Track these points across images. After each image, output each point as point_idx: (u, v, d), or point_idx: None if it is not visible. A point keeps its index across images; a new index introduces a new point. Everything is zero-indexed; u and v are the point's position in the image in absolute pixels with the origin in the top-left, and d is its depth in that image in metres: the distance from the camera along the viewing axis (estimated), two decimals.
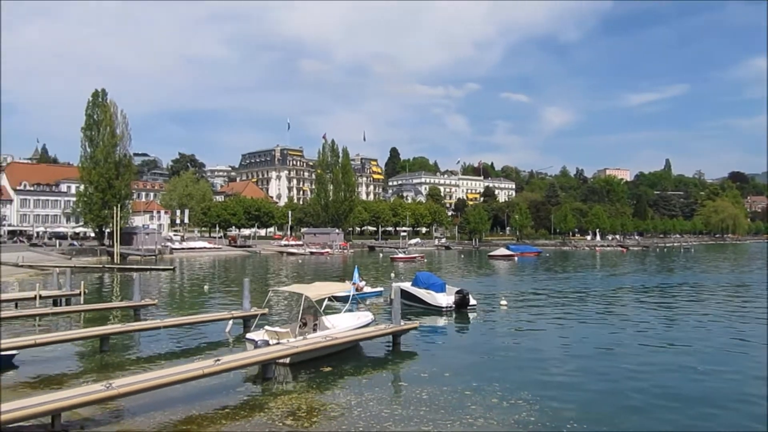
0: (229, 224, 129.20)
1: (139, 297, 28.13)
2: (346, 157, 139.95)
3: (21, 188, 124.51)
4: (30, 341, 18.11)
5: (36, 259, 63.97)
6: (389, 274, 54.80)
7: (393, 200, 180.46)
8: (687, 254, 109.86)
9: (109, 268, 62.11)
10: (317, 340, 17.86)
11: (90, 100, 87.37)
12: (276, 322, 23.54)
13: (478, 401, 13.86)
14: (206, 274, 59.94)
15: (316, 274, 57.40)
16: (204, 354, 18.86)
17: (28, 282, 43.84)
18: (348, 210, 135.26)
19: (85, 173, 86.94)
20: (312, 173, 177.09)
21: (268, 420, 12.61)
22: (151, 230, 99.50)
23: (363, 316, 22.20)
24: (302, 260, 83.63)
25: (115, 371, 16.83)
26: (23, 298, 30.23)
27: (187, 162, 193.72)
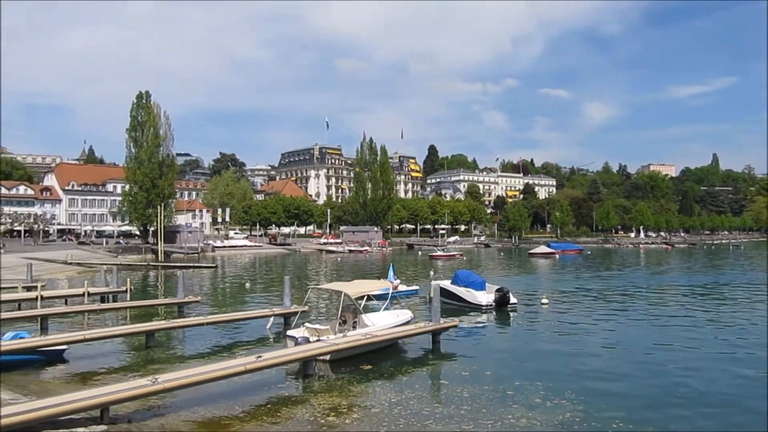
0: (269, 222, 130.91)
1: (183, 294, 28.71)
2: (385, 155, 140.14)
3: (69, 188, 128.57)
4: (79, 337, 18.67)
5: (84, 256, 65.94)
6: (428, 272, 54.63)
7: (431, 198, 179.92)
8: (736, 251, 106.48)
9: (154, 265, 63.61)
10: (357, 338, 17.91)
11: (134, 102, 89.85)
12: (316, 319, 23.70)
13: (521, 401, 13.67)
14: (247, 271, 60.80)
15: (354, 272, 57.63)
16: (246, 350, 19.12)
17: (77, 279, 45.19)
18: (386, 208, 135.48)
19: (130, 173, 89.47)
20: (350, 171, 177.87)
21: (310, 416, 12.70)
22: (194, 228, 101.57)
23: (402, 314, 22.17)
24: (341, 258, 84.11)
25: (160, 366, 17.20)
26: (72, 294, 31.23)
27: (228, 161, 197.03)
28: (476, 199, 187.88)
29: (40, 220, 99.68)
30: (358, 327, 19.86)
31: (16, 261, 50.96)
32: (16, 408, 10.72)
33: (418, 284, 40.67)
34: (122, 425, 11.29)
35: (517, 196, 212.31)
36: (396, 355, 18.91)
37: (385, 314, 21.94)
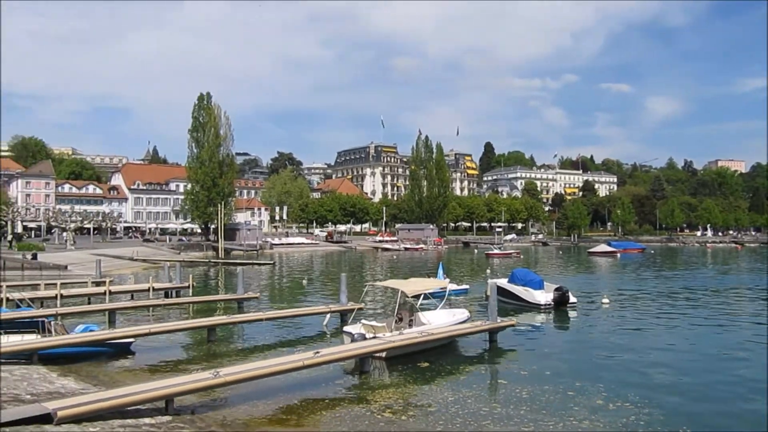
0: (326, 220, 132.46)
1: (243, 290, 29.42)
2: (440, 153, 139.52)
3: (135, 187, 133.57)
4: (145, 330, 19.36)
5: (148, 253, 68.36)
6: (484, 270, 54.14)
7: (488, 196, 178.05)
8: None
9: (215, 262, 65.40)
10: (413, 336, 17.88)
11: (196, 103, 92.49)
12: (372, 316, 23.81)
13: (582, 402, 13.32)
14: (304, 268, 61.68)
15: (410, 269, 57.62)
16: (303, 346, 19.38)
17: (142, 275, 46.93)
18: (442, 206, 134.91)
19: (191, 172, 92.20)
20: (406, 169, 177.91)
21: (367, 412, 12.74)
22: (253, 226, 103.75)
23: (459, 313, 22.01)
24: (397, 256, 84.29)
25: (221, 360, 17.63)
26: (138, 289, 32.44)
27: (286, 160, 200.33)
28: (534, 197, 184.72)
29: (108, 218, 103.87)
30: (415, 325, 19.81)
31: (86, 257, 53.25)
32: (88, 398, 11.18)
33: (474, 283, 40.33)
34: (186, 416, 11.60)
35: (576, 193, 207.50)
36: (452, 353, 18.78)
37: (441, 312, 21.83)
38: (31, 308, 23.22)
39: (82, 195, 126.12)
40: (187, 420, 11.29)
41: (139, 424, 10.54)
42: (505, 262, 67.37)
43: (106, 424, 10.14)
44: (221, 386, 12.77)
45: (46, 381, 13.78)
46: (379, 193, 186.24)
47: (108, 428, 9.96)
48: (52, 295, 28.08)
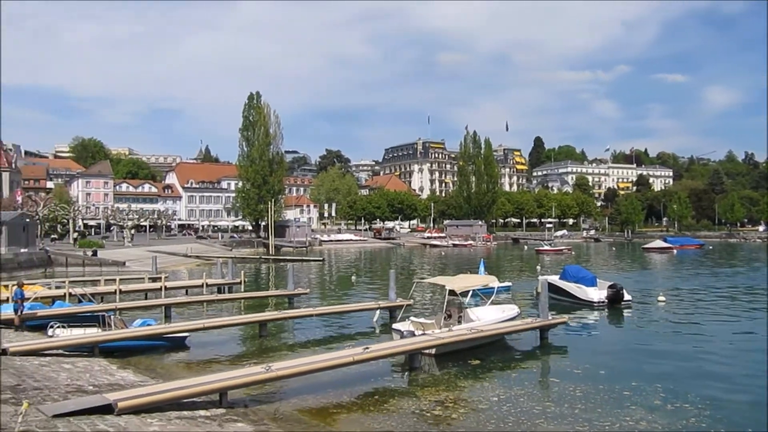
0: (374, 217, 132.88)
1: (293, 286, 29.84)
2: (489, 148, 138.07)
3: (188, 186, 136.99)
4: (199, 325, 19.84)
5: (202, 250, 70.04)
6: (534, 267, 53.33)
7: (537, 191, 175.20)
8: None
9: (265, 258, 66.54)
10: (462, 332, 17.75)
11: (246, 103, 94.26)
12: (420, 313, 23.76)
13: (639, 402, 12.95)
14: (353, 265, 62.09)
15: (459, 266, 57.26)
16: (352, 342, 19.49)
17: (196, 271, 48.10)
18: (491, 202, 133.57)
19: (242, 171, 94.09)
20: (454, 165, 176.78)
21: (416, 409, 12.70)
22: (302, 223, 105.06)
23: (508, 309, 21.76)
24: (445, 252, 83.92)
25: (272, 355, 17.92)
26: (192, 285, 33.29)
27: (334, 158, 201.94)
28: (585, 192, 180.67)
29: (163, 215, 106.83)
30: (464, 321, 19.68)
31: (143, 254, 54.97)
32: (146, 390, 11.54)
33: (524, 280, 39.81)
34: (239, 409, 11.83)
35: (630, 188, 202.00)
36: (502, 350, 18.58)
37: (490, 309, 21.61)
38: (92, 303, 24.09)
39: (138, 194, 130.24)
40: (241, 413, 11.50)
41: (194, 416, 10.80)
42: (555, 259, 66.20)
43: (164, 416, 10.43)
44: (273, 380, 12.96)
45: (107, 373, 14.28)
46: (427, 190, 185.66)
47: (165, 419, 10.24)
48: (112, 291, 29.15)
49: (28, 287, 24.01)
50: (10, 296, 22.05)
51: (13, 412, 9.20)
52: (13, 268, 41.13)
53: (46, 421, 9.12)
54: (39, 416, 9.29)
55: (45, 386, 12.01)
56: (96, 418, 9.65)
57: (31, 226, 53.06)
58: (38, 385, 12.04)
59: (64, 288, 27.19)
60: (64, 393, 11.50)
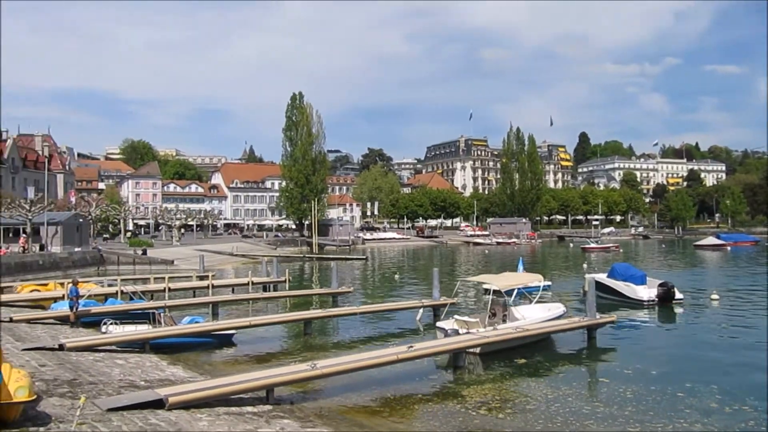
0: (416, 215, 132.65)
1: (337, 285, 30.03)
2: (533, 145, 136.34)
3: (233, 186, 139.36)
4: (246, 323, 20.17)
5: (247, 249, 71.19)
6: (580, 265, 52.39)
7: (583, 188, 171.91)
8: None
9: (309, 257, 67.19)
10: (508, 331, 17.55)
11: (289, 103, 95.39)
12: (465, 311, 23.60)
13: (694, 404, 12.56)
14: (396, 263, 62.14)
15: (503, 264, 56.68)
16: (396, 340, 19.50)
17: (242, 269, 48.92)
18: (535, 199, 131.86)
19: (286, 170, 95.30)
20: (497, 162, 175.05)
21: (462, 408, 12.60)
22: (345, 222, 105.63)
23: (554, 308, 21.41)
24: (489, 250, 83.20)
25: (317, 352, 18.06)
26: (238, 284, 33.87)
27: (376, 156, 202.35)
28: (633, 188, 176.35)
29: (209, 215, 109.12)
30: (508, 320, 19.47)
31: (190, 252, 56.22)
32: (195, 385, 11.79)
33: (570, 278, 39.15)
34: (285, 406, 11.96)
35: (680, 183, 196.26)
36: (549, 350, 18.31)
37: (536, 308, 21.32)
38: (142, 300, 24.77)
39: (185, 194, 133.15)
40: (287, 409, 11.62)
41: (242, 411, 10.97)
42: (602, 257, 64.92)
43: (212, 411, 10.63)
44: (318, 378, 13.06)
45: (158, 369, 14.64)
46: (470, 187, 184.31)
47: (214, 415, 10.43)
48: (161, 289, 29.86)
49: (82, 285, 24.85)
50: (66, 294, 22.86)
51: (70, 406, 9.52)
52: (68, 267, 42.66)
53: (101, 414, 9.40)
54: (94, 410, 9.58)
55: (99, 381, 12.39)
56: (148, 413, 9.90)
57: (84, 226, 54.87)
58: (93, 380, 12.43)
59: (116, 286, 27.98)
60: (117, 388, 11.85)
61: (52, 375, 12.33)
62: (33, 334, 18.11)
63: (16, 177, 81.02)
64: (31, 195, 49.34)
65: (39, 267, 40.31)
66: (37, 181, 75.98)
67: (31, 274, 38.09)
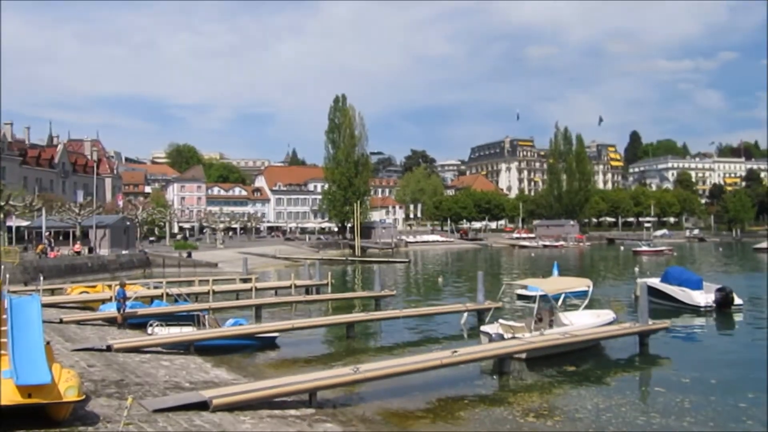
0: (460, 217, 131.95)
1: (380, 288, 30.07)
2: (581, 145, 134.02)
3: (276, 188, 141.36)
4: (289, 325, 20.38)
5: (290, 251, 72.01)
6: (631, 269, 51.15)
7: (634, 188, 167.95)
8: None
9: (351, 260, 67.55)
10: (555, 337, 17.25)
11: (332, 105, 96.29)
12: (510, 316, 23.32)
13: (758, 416, 12.05)
14: (439, 266, 61.90)
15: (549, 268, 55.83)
16: (440, 344, 19.38)
17: (284, 272, 49.48)
18: (583, 200, 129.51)
19: (328, 173, 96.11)
20: (543, 163, 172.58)
21: (508, 415, 12.41)
22: (388, 224, 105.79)
23: (603, 314, 20.98)
24: (535, 254, 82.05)
25: (359, 356, 18.10)
26: (281, 286, 34.23)
27: (419, 158, 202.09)
28: (687, 188, 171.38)
29: (252, 218, 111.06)
30: (555, 326, 19.13)
31: (234, 255, 57.13)
32: (239, 388, 11.96)
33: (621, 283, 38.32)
34: (328, 409, 12.01)
35: (739, 183, 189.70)
36: (598, 357, 17.95)
37: (584, 313, 20.88)
38: (187, 302, 25.26)
39: (229, 197, 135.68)
40: (330, 413, 11.67)
41: (285, 414, 11.06)
42: (655, 260, 63.23)
43: (256, 414, 10.75)
44: (361, 382, 13.08)
45: (202, 370, 14.91)
46: (515, 189, 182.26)
47: (257, 417, 10.55)
48: (205, 291, 30.47)
49: (129, 287, 25.52)
50: (113, 295, 23.53)
51: (117, 406, 9.77)
52: (116, 269, 43.95)
53: (147, 415, 9.62)
54: (141, 410, 9.81)
55: (146, 382, 12.70)
56: (193, 414, 10.08)
57: (131, 229, 56.47)
58: (139, 380, 12.75)
59: (162, 288, 28.66)
60: (162, 389, 12.11)
61: (100, 375, 12.69)
62: (82, 335, 18.68)
63: (66, 181, 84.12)
64: (81, 199, 51.12)
65: (88, 269, 41.65)
66: (86, 185, 78.72)
67: (81, 276, 39.35)
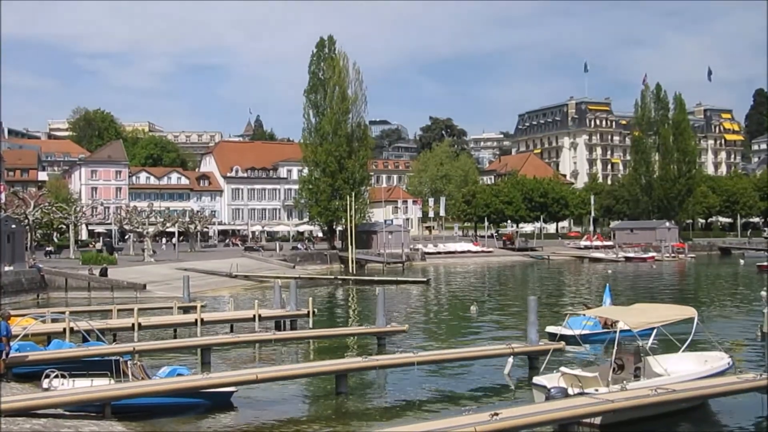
0: (503, 217, 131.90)
1: (384, 321, 30.07)
2: (682, 110, 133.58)
3: (232, 175, 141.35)
4: (251, 375, 20.42)
5: (252, 266, 72.00)
6: (757, 292, 51.09)
7: (760, 174, 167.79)
8: None
9: (342, 279, 67.57)
10: (643, 392, 17.35)
11: (314, 52, 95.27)
12: (575, 361, 23.36)
13: None
14: (472, 289, 61.86)
15: (635, 291, 55.84)
16: (473, 403, 19.45)
17: (244, 297, 49.58)
18: (685, 192, 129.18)
19: (309, 151, 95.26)
20: (625, 137, 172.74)
21: None
22: (396, 227, 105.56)
23: (713, 359, 21.10)
24: (612, 269, 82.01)
25: (355, 421, 18.23)
26: (239, 318, 34.30)
27: (442, 130, 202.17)
28: None
29: (197, 218, 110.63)
30: (644, 375, 19.25)
31: (169, 272, 57.25)
32: None
33: (740, 314, 38.32)
34: None
35: None
36: (706, 421, 18.14)
37: (685, 357, 21.05)
38: (101, 343, 25.38)
39: (163, 187, 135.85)
40: None
41: None
42: None
43: None
44: None
45: None
46: (584, 175, 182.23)
47: None
48: (128, 325, 30.51)
49: (15, 320, 25.60)
50: None
51: None
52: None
53: None
54: None
55: None
56: None
57: (18, 235, 56.35)
58: None
59: (64, 321, 28.73)
60: None
61: None
62: None
63: None
64: None
65: None
66: None
67: None
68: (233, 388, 19.73)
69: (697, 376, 19.41)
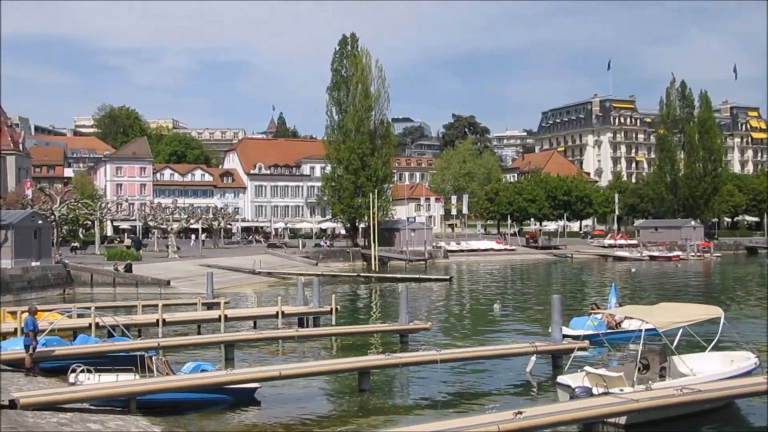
0: (526, 215, 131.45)
1: (407, 318, 30.04)
2: (707, 108, 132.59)
3: (255, 172, 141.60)
4: (274, 372, 20.49)
5: (276, 263, 72.13)
6: None
7: None
8: None
9: (365, 277, 67.53)
10: (668, 392, 17.21)
11: (337, 50, 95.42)
12: (599, 361, 23.24)
13: None
14: (495, 287, 61.76)
15: (659, 290, 55.50)
16: (496, 402, 19.29)
17: (268, 294, 49.73)
18: (711, 190, 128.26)
19: (332, 149, 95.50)
20: (650, 135, 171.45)
21: None
22: (419, 225, 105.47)
23: (740, 358, 20.89)
24: (637, 268, 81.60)
25: (377, 417, 18.25)
26: (262, 315, 34.52)
27: (465, 127, 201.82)
28: None
29: (220, 214, 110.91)
30: (669, 375, 19.11)
31: (194, 269, 57.49)
32: None
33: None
34: None
35: None
36: (732, 421, 18.06)
37: (711, 357, 20.86)
38: (126, 338, 25.47)
39: (186, 184, 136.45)
40: None
41: None
42: None
43: None
44: None
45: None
46: (608, 173, 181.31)
47: None
48: (153, 321, 30.72)
49: (42, 315, 25.77)
50: (20, 327, 23.75)
51: None
52: (22, 289, 44.30)
53: None
54: None
55: None
56: None
57: (44, 231, 56.71)
58: None
59: (90, 317, 28.92)
60: None
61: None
62: None
63: None
64: None
65: None
66: None
67: None
68: (257, 384, 19.76)
69: (723, 377, 19.23)
